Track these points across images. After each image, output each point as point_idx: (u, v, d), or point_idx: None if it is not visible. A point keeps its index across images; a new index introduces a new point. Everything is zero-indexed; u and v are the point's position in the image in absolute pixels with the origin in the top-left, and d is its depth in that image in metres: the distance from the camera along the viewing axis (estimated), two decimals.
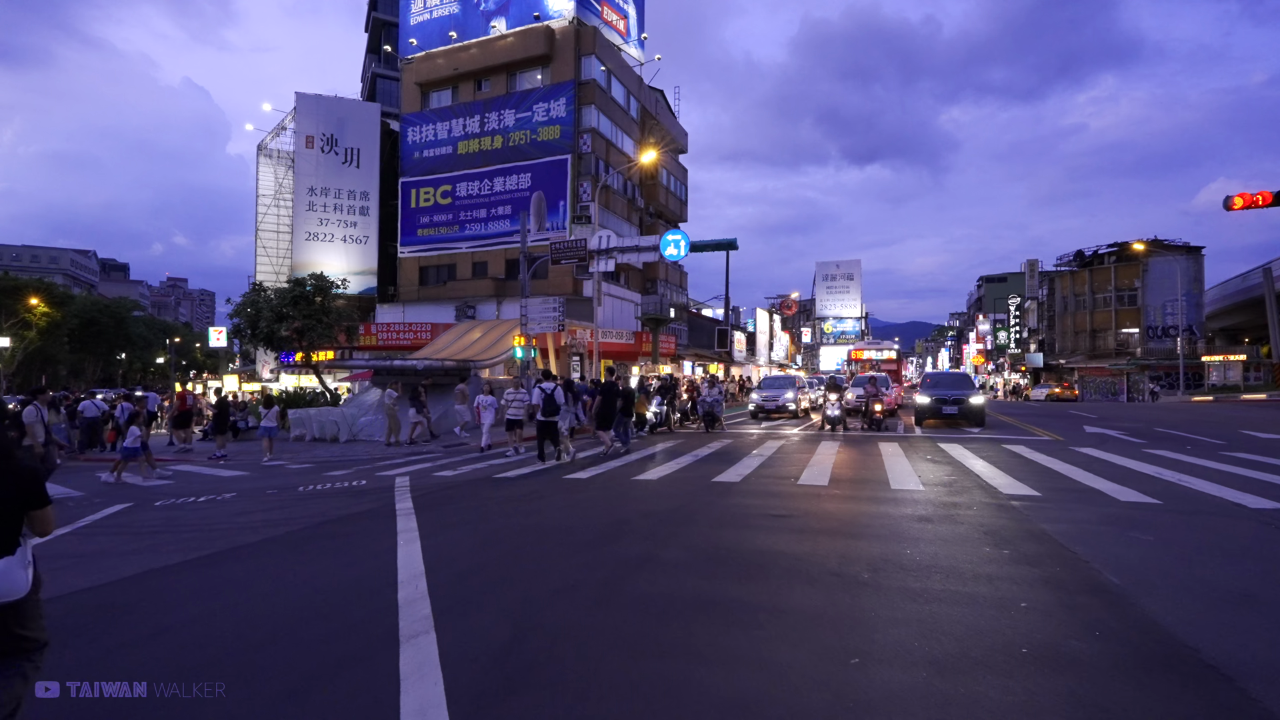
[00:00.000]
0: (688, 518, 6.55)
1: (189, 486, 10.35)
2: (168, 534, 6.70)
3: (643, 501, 7.57)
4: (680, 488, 8.44)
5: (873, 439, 14.53)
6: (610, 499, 7.85)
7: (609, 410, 12.80)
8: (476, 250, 35.09)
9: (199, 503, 8.67)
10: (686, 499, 7.58)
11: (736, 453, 12.29)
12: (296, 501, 8.39)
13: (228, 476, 11.47)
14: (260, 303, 18.50)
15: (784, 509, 6.91)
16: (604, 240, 19.14)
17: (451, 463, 12.17)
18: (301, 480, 10.49)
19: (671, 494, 7.99)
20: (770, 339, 55.01)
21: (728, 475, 9.33)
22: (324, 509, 7.72)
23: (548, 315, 19.49)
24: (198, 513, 7.88)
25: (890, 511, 6.71)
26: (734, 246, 17.48)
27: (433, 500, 8.07)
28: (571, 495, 8.18)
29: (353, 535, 6.28)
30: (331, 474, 11.19)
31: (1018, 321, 65.87)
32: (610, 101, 35.81)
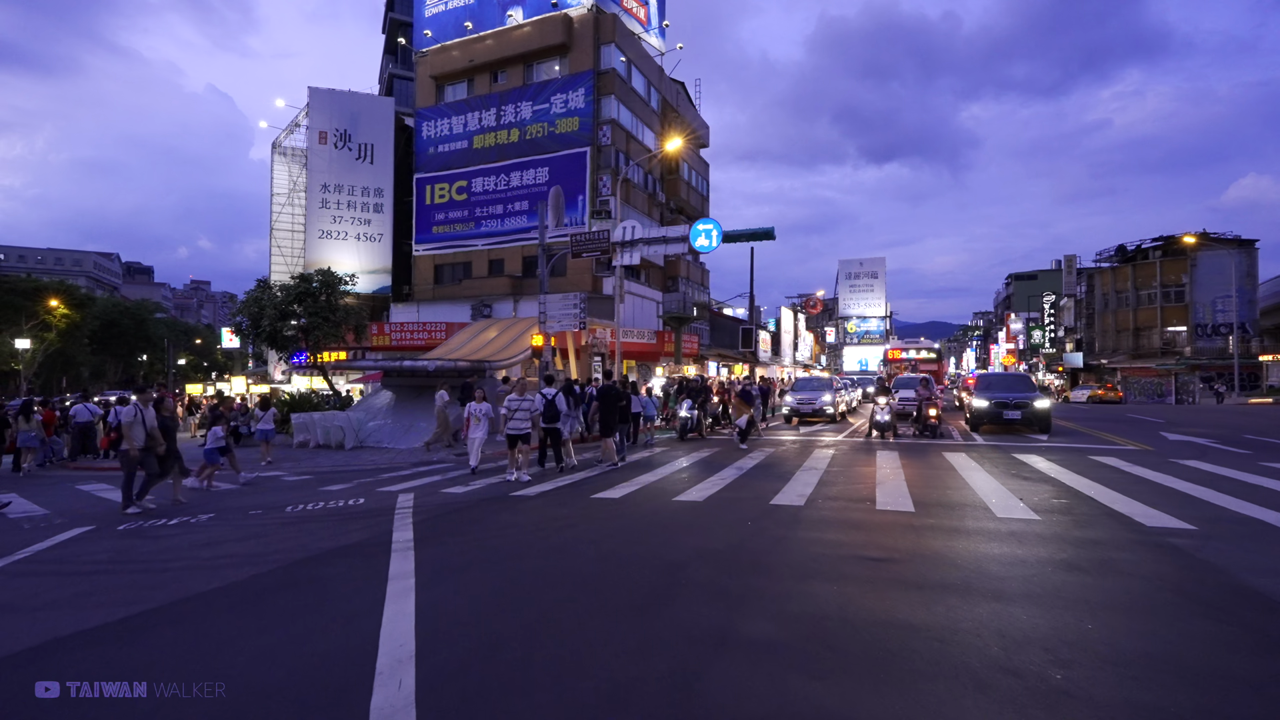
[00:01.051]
0: (758, 561, 5.11)
1: (165, 504, 9.13)
2: (108, 575, 5.42)
3: (693, 533, 6.14)
4: (734, 513, 7.00)
5: (932, 448, 12.95)
6: (652, 529, 6.44)
7: (610, 416, 11.71)
8: (493, 247, 33.94)
9: (168, 527, 7.42)
10: (747, 531, 6.14)
11: (784, 465, 10.81)
12: (279, 527, 7.10)
13: (215, 490, 10.26)
14: (264, 300, 17.38)
15: (878, 548, 5.44)
16: (628, 231, 17.75)
17: (462, 476, 10.85)
18: (293, 497, 9.22)
19: (726, 522, 6.55)
20: (795, 339, 53.21)
21: (787, 496, 7.86)
22: (308, 539, 6.40)
23: (568, 313, 18.16)
24: (160, 542, 6.61)
25: (1018, 553, 5.21)
26: (771, 236, 16.01)
27: (437, 528, 6.72)
28: (604, 523, 6.77)
29: (332, 582, 4.94)
30: (329, 488, 9.92)
31: (1052, 320, 63.26)
32: (630, 92, 34.48)
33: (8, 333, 49.48)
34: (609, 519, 6.94)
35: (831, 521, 6.46)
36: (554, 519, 6.99)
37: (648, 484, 9.20)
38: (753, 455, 12.30)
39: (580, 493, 8.64)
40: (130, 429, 8.39)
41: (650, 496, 8.23)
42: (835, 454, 12.20)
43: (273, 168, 38.76)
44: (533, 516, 7.21)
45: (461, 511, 7.62)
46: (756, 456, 12.09)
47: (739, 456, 12.15)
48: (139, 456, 8.39)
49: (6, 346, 47.14)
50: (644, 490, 8.70)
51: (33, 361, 51.60)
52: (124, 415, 8.44)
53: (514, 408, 10.14)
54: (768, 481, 9.12)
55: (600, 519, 6.94)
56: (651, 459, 12.21)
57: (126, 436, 8.36)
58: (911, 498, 7.58)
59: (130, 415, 8.45)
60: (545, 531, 6.43)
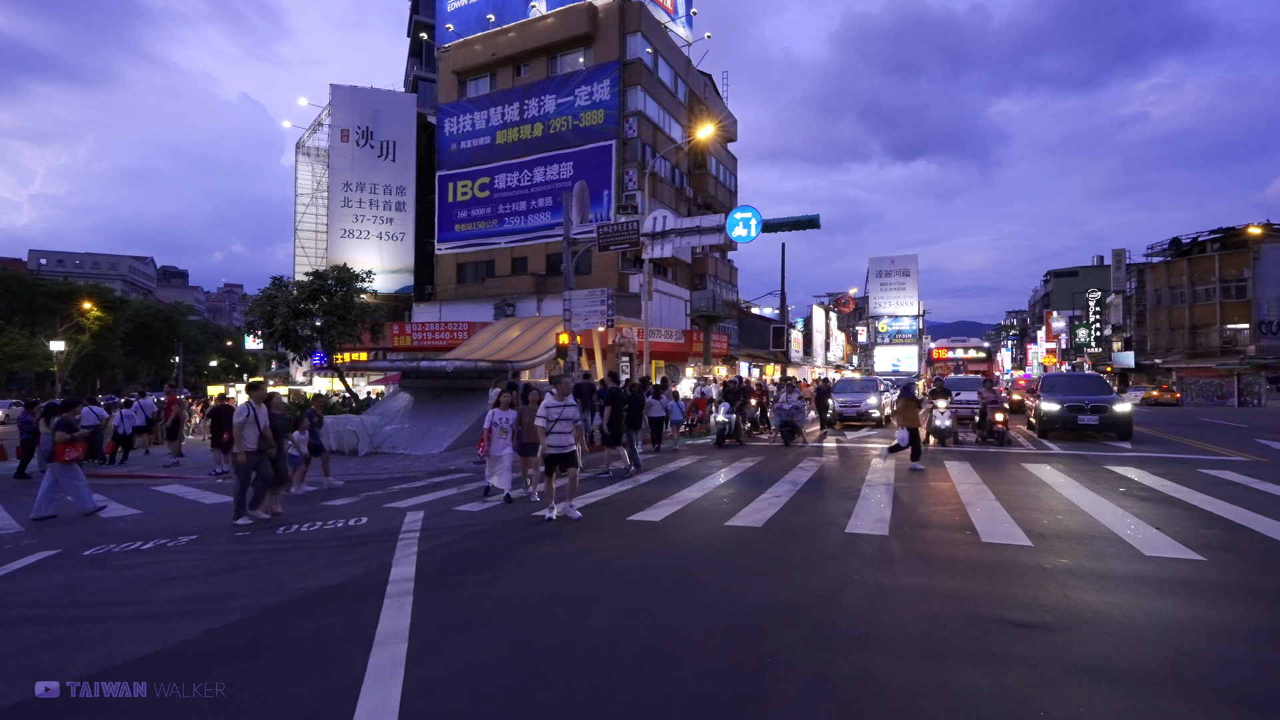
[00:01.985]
0: (864, 627, 3.83)
1: (152, 520, 8.17)
2: (33, 625, 4.37)
3: (762, 576, 4.88)
4: (805, 544, 5.72)
5: (1006, 458, 11.46)
6: (707, 568, 5.19)
7: (618, 421, 10.63)
8: (516, 245, 33.04)
9: (141, 551, 6.40)
10: (832, 575, 4.85)
11: (844, 478, 9.46)
12: (263, 556, 6.02)
13: (209, 505, 9.30)
14: (278, 299, 16.56)
15: (1017, 605, 4.11)
16: (659, 222, 16.51)
17: (482, 489, 9.73)
18: (290, 513, 8.19)
19: (801, 560, 5.27)
20: (827, 338, 51.35)
21: (863, 521, 6.54)
22: (291, 575, 5.31)
23: (595, 310, 17.01)
24: (120, 574, 5.58)
25: (1212, 616, 3.85)
26: (816, 224, 14.64)
27: (444, 562, 5.57)
28: (646, 558, 5.55)
29: (303, 647, 3.80)
30: (332, 503, 8.88)
31: (1098, 317, 60.25)
32: (657, 83, 33.28)
33: (42, 334, 50.29)
34: (651, 551, 5.71)
35: (934, 561, 5.14)
36: (585, 550, 5.79)
37: (691, 502, 7.95)
38: (803, 465, 10.96)
39: (613, 513, 7.42)
40: (242, 430, 7.56)
41: (696, 519, 6.98)
42: (896, 466, 10.80)
43: (296, 168, 38.45)
44: (560, 545, 6.02)
45: (476, 537, 6.47)
46: (808, 467, 10.75)
47: (787, 466, 10.82)
48: (251, 461, 7.61)
49: (40, 348, 47.82)
50: (688, 511, 7.45)
51: (67, 363, 52.34)
52: (236, 415, 7.62)
53: (554, 417, 7.33)
54: (832, 500, 7.80)
55: (641, 551, 5.72)
56: (689, 470, 10.96)
57: (237, 440, 7.54)
58: (1018, 525, 6.20)
59: (243, 415, 7.59)
60: (575, 568, 5.23)
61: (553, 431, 7.30)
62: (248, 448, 7.59)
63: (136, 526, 7.79)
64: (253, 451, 7.63)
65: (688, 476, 10.12)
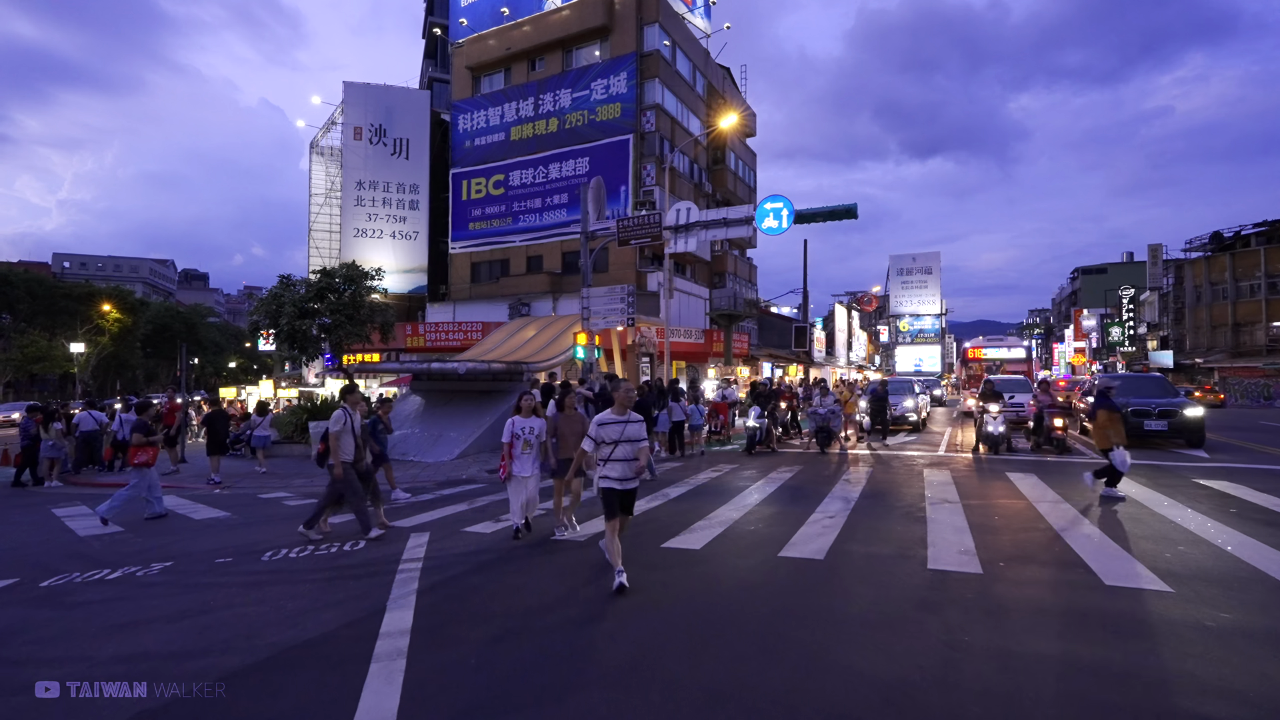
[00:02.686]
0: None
1: (130, 540, 7.36)
2: None
3: (843, 636, 3.88)
4: (883, 585, 4.70)
5: (1074, 469, 10.31)
6: (770, 621, 4.20)
7: None
8: (531, 243, 32.23)
9: (105, 583, 5.56)
10: (932, 635, 3.83)
11: (901, 494, 8.40)
12: (238, 594, 5.15)
13: (198, 521, 8.48)
14: (284, 298, 15.83)
15: (1202, 689, 3.07)
16: (683, 214, 15.52)
17: (495, 503, 8.83)
18: (282, 532, 7.34)
19: (885, 611, 4.26)
20: (849, 338, 49.98)
21: (945, 553, 5.49)
22: (262, 622, 4.41)
23: (614, 307, 16.07)
24: (67, 616, 4.72)
25: None
26: (853, 214, 13.55)
27: (448, 605, 4.64)
28: (690, 605, 4.56)
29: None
30: (330, 521, 8.01)
31: (1131, 315, 58.09)
32: (675, 75, 32.29)
33: (63, 336, 50.56)
34: (696, 593, 4.72)
35: (1057, 614, 4.09)
36: (603, 593, 4.82)
37: (732, 523, 6.95)
38: (848, 478, 9.91)
39: (645, 537, 6.45)
40: (339, 440, 6.77)
41: (744, 548, 5.98)
42: (955, 478, 9.71)
43: (310, 167, 38.07)
44: (585, 586, 5.06)
45: (486, 570, 5.53)
46: (855, 480, 9.70)
47: (832, 479, 9.78)
48: (347, 476, 6.83)
49: (59, 350, 48.03)
50: (731, 535, 6.46)
51: (87, 365, 52.61)
52: (332, 423, 6.82)
53: (611, 437, 5.03)
54: (897, 522, 6.76)
55: (684, 593, 4.73)
56: (722, 482, 9.96)
57: (333, 450, 6.76)
58: (1139, 561, 5.13)
59: (339, 422, 6.81)
60: (606, 619, 4.26)
61: (612, 458, 4.99)
62: (345, 458, 6.78)
63: (112, 548, 6.97)
64: (349, 464, 6.83)
65: (721, 490, 9.12)
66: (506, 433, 6.82)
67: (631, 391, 5.23)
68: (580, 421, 6.73)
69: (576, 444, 6.42)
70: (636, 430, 5.13)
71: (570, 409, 6.88)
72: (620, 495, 5.05)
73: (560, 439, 6.83)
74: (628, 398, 5.20)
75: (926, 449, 13.70)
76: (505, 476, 6.73)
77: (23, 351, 46.82)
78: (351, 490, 6.92)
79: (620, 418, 5.12)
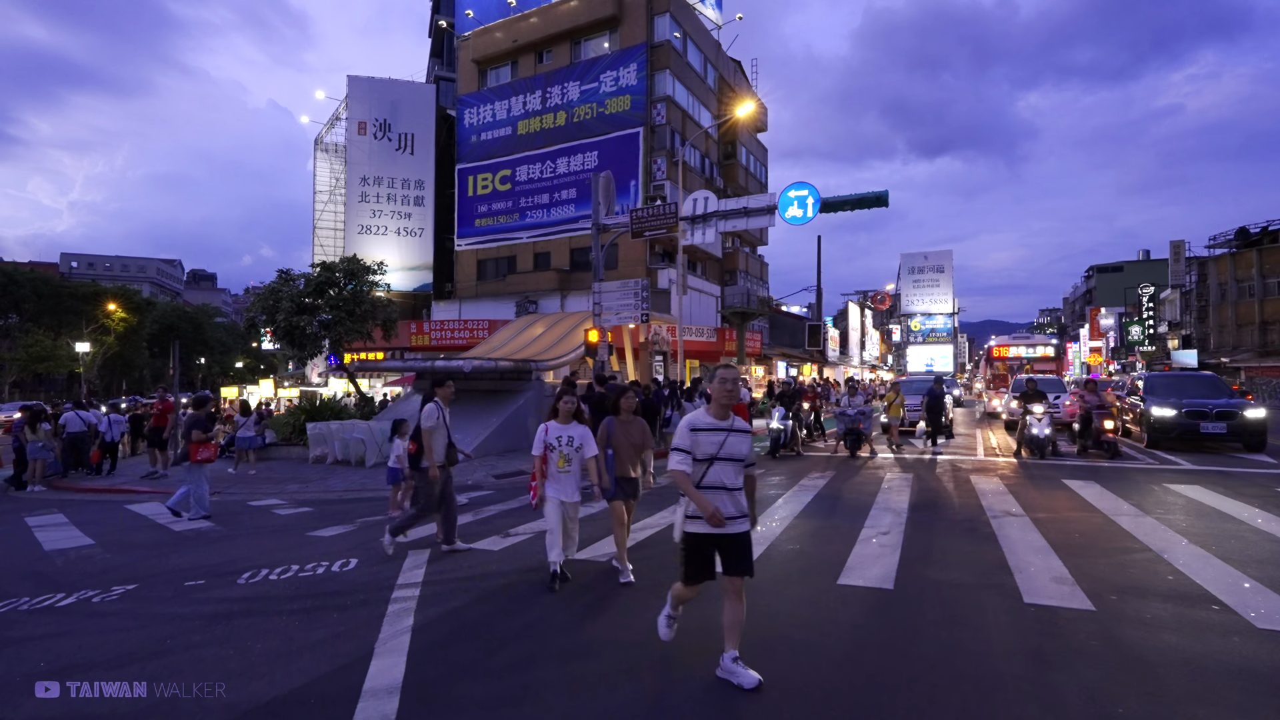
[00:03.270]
0: None
1: (97, 557, 6.59)
2: None
3: (949, 704, 3.04)
4: (983, 632, 3.84)
5: (1135, 474, 9.41)
6: (867, 694, 3.36)
7: None
8: (538, 239, 31.48)
9: (53, 610, 4.79)
10: (1071, 705, 2.97)
11: (954, 505, 7.54)
12: (200, 628, 4.36)
13: (177, 533, 7.72)
14: (282, 292, 15.09)
15: None
16: (700, 204, 14.69)
17: (504, 512, 8.04)
18: (267, 548, 6.56)
19: (994, 666, 3.40)
20: (862, 336, 48.90)
21: (1037, 582, 4.61)
22: (222, 671, 3.61)
23: (627, 303, 15.26)
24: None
25: None
26: (883, 202, 12.68)
27: (447, 649, 3.83)
28: (747, 656, 3.73)
29: None
30: (321, 532, 7.23)
31: (1151, 314, 56.75)
32: (686, 67, 31.47)
33: (68, 335, 50.22)
34: (751, 641, 3.88)
35: (1222, 672, 3.22)
36: (649, 631, 3.98)
37: (774, 541, 6.11)
38: (890, 485, 9.05)
39: (671, 558, 5.62)
40: (432, 437, 5.93)
41: (793, 572, 5.15)
42: (1008, 486, 8.83)
43: (315, 164, 37.51)
44: (612, 621, 4.24)
45: (492, 600, 4.72)
46: (898, 487, 8.84)
47: (872, 487, 8.92)
48: (441, 478, 6.01)
49: (64, 349, 47.67)
50: (776, 555, 5.62)
51: (92, 364, 52.26)
52: (425, 419, 5.95)
53: (709, 451, 3.34)
54: (964, 540, 5.90)
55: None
56: None
57: (428, 450, 5.90)
58: (1277, 593, 4.27)
59: (433, 418, 5.94)
60: (643, 676, 3.44)
61: (708, 483, 3.31)
62: (439, 460, 5.97)
63: (73, 566, 6.21)
64: (443, 466, 6.04)
65: None
66: (537, 443, 5.06)
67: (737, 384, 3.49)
68: (642, 430, 5.32)
69: (637, 456, 5.26)
70: (740, 445, 3.35)
71: (627, 414, 5.29)
72: (723, 544, 3.29)
73: (616, 452, 5.18)
74: (727, 394, 3.38)
75: (963, 453, 12.80)
76: (537, 502, 5.07)
77: (27, 351, 46.48)
78: (428, 498, 6.06)
79: (722, 423, 3.36)
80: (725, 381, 3.41)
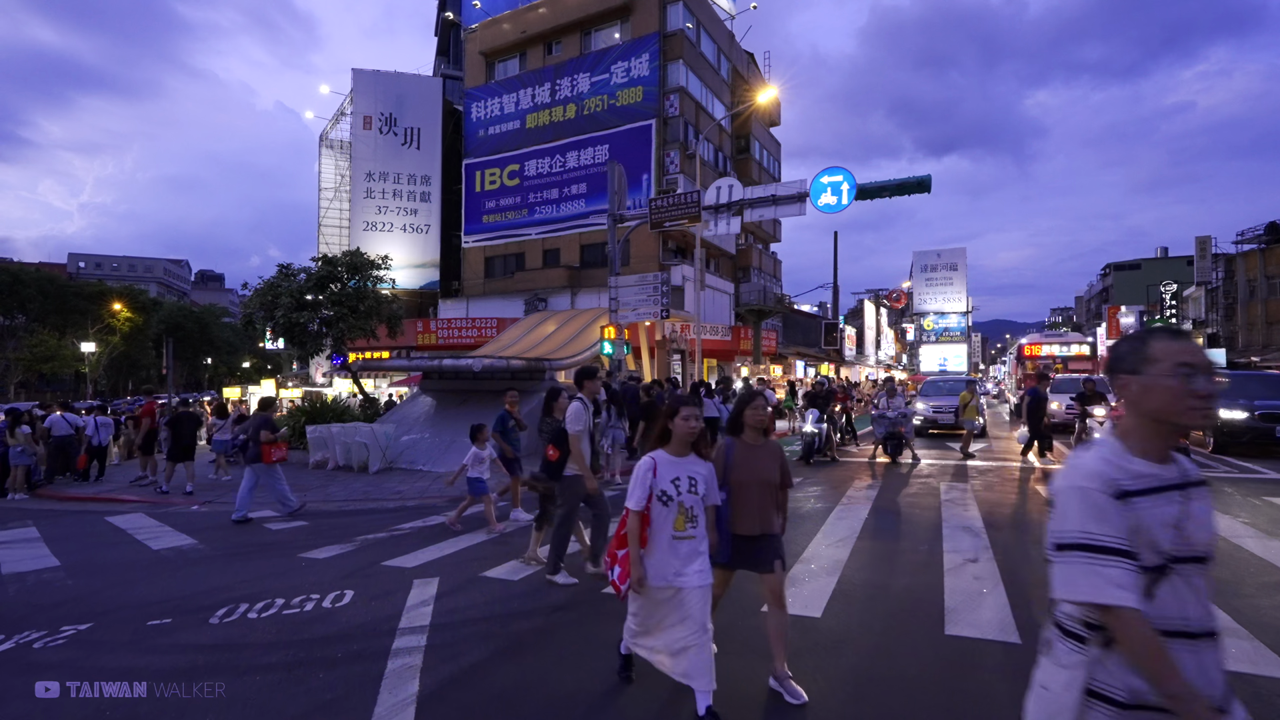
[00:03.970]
0: None
1: (57, 583, 5.74)
2: None
3: None
4: None
5: (1220, 484, 8.42)
6: None
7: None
8: (548, 236, 30.62)
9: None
10: None
11: (1035, 523, 6.60)
12: (147, 701, 3.47)
13: (154, 550, 6.86)
14: (282, 287, 14.27)
15: None
16: (724, 192, 13.75)
17: (522, 530, 7.14)
18: (254, 575, 5.69)
19: None
20: (878, 335, 47.83)
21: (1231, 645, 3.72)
22: None
23: (646, 299, 14.36)
24: None
25: None
26: (926, 187, 11.69)
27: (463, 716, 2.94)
28: None
29: None
30: (316, 554, 6.35)
31: (1174, 312, 55.33)
32: (699, 57, 30.54)
33: (73, 335, 49.78)
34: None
35: None
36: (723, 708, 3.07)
37: (842, 570, 5.18)
38: (950, 496, 8.09)
39: (731, 594, 4.71)
40: (580, 441, 4.94)
41: (885, 616, 4.22)
42: None
43: (320, 161, 36.84)
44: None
45: (519, 652, 3.81)
46: (960, 499, 7.88)
47: (930, 499, 7.97)
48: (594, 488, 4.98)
49: (68, 350, 47.20)
50: (853, 591, 4.69)
51: (98, 365, 51.85)
52: (571, 420, 4.99)
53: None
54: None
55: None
56: (791, 500, 8.19)
57: (576, 456, 4.91)
58: None
59: (579, 420, 4.95)
60: None
61: None
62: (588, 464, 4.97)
63: (27, 596, 5.36)
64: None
65: (795, 514, 7.35)
66: (638, 488, 2.95)
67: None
68: (777, 458, 3.33)
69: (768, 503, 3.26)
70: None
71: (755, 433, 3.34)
72: None
73: (737, 495, 3.25)
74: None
75: (1009, 459, 11.82)
76: (627, 588, 2.98)
77: (31, 351, 46.03)
78: (571, 509, 5.05)
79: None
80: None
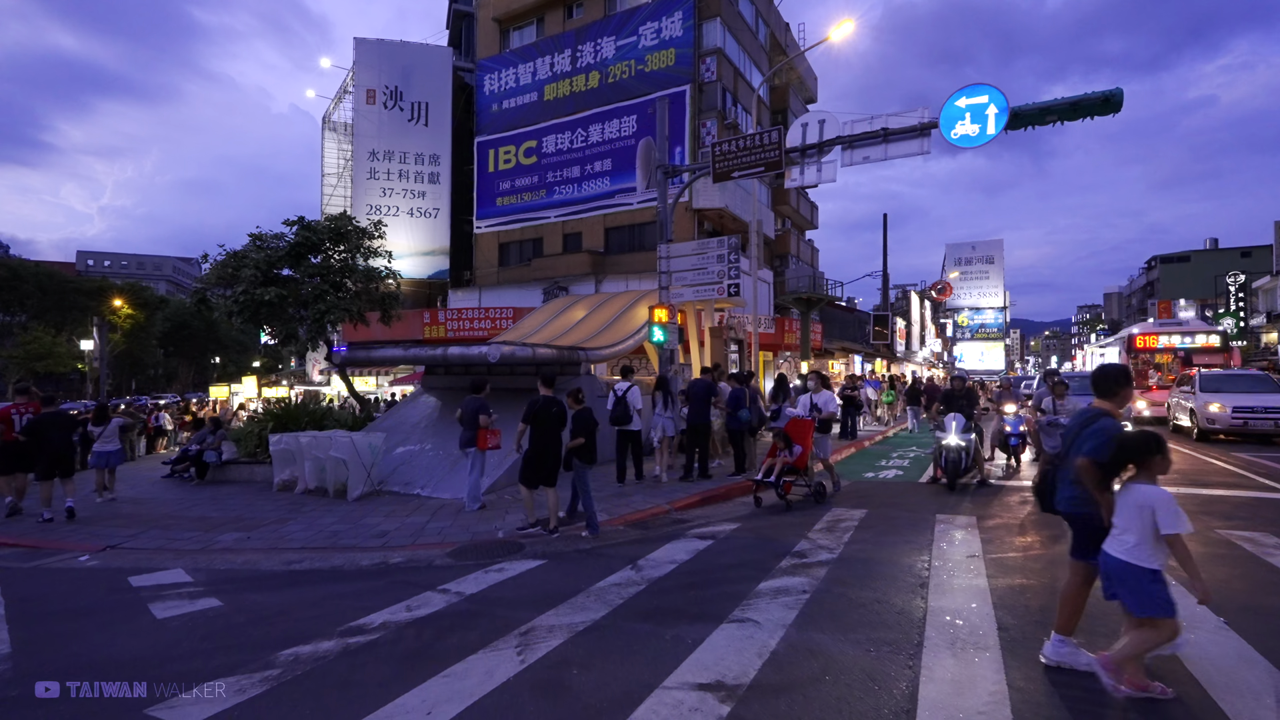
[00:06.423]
0: None
1: None
2: None
3: None
4: None
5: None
6: None
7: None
8: (568, 219, 27.56)
9: None
10: None
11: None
12: None
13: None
14: (250, 258, 11.24)
15: None
16: (815, 129, 10.52)
17: (575, 639, 4.00)
18: None
19: None
20: (922, 331, 44.39)
21: None
22: None
23: (708, 269, 11.18)
24: None
25: None
26: (1115, 105, 8.33)
27: None
28: None
29: None
30: (165, 714, 3.27)
31: (1241, 304, 51.16)
32: (738, 17, 27.32)
33: (69, 332, 47.58)
34: None
35: None
36: None
37: None
38: None
39: None
40: None
41: None
42: None
43: (323, 144, 34.12)
44: None
45: None
46: None
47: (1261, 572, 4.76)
48: None
49: (63, 347, 44.98)
50: None
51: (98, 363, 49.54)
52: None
53: None
54: None
55: None
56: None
57: None
58: None
59: None
60: None
61: None
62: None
63: None
64: None
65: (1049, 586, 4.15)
66: None
67: None
68: None
69: None
70: None
71: None
72: None
73: None
74: None
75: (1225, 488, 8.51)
76: None
77: (25, 348, 43.84)
78: None
79: None
80: None
